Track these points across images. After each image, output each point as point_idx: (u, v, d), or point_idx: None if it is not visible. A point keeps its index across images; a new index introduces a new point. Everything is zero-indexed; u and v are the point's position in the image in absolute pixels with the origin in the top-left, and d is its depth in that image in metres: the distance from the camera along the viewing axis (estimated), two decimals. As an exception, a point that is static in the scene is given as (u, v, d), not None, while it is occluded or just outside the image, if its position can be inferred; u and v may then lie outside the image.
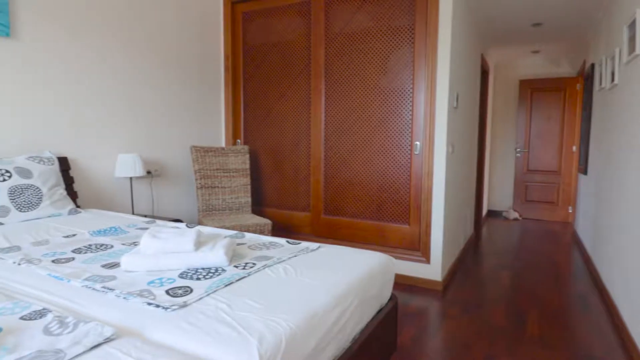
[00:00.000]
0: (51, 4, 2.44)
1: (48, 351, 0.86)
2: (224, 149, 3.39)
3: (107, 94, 2.78)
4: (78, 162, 2.62)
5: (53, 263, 1.46)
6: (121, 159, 2.74)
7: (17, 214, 2.03)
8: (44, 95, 2.44)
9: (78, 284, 1.27)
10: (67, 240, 1.75)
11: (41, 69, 2.42)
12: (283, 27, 3.51)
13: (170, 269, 1.40)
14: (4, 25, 2.21)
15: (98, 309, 1.12)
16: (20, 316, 1.03)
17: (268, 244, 1.77)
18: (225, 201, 3.31)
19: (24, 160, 2.20)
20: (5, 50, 2.25)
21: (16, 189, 2.06)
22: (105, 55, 2.75)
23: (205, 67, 3.58)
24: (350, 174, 3.30)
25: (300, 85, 3.47)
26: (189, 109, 3.45)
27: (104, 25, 2.74)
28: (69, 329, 0.96)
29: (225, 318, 1.05)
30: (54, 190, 2.24)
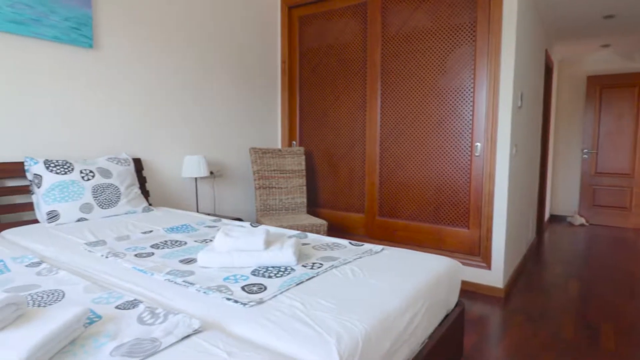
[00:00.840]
0: (127, 18, 2.63)
1: (145, 339, 0.93)
2: (280, 151, 3.47)
3: (175, 99, 2.95)
4: (149, 163, 2.81)
5: (136, 257, 1.57)
6: (187, 160, 2.89)
7: (99, 210, 2.21)
8: (121, 102, 2.63)
9: (161, 278, 1.36)
10: (145, 236, 1.88)
11: (118, 77, 2.61)
12: (339, 30, 3.53)
13: (242, 266, 1.46)
14: (88, 37, 2.41)
15: (181, 301, 1.19)
16: (115, 305, 1.12)
17: (331, 244, 1.79)
18: (282, 201, 3.39)
19: (105, 161, 2.39)
20: (88, 60, 2.46)
21: (98, 187, 2.24)
22: (173, 63, 2.92)
23: (263, 72, 3.69)
24: (407, 176, 3.26)
25: (356, 87, 3.47)
26: (248, 112, 3.57)
27: (173, 36, 2.91)
28: (160, 319, 1.03)
29: (301, 316, 1.08)
30: (130, 189, 2.41)
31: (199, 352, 0.90)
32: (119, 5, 2.57)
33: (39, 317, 0.93)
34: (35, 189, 2.12)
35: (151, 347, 0.90)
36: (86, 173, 2.22)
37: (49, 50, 2.28)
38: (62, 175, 2.14)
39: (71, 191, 2.13)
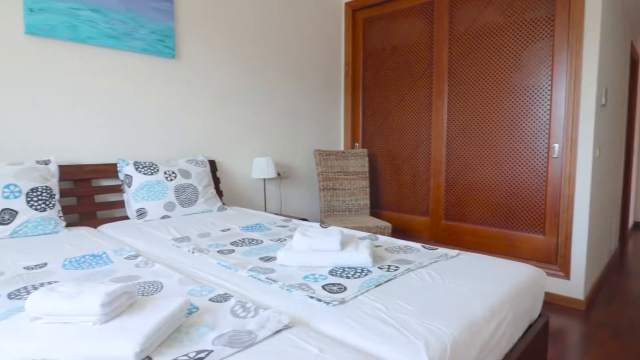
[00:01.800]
0: (204, 29, 2.80)
1: (242, 331, 0.99)
2: (344, 153, 3.50)
3: (246, 103, 3.09)
4: (222, 164, 2.96)
5: (218, 253, 1.67)
6: (257, 162, 3.02)
7: (180, 209, 2.38)
8: (198, 107, 2.81)
9: (244, 274, 1.43)
10: (223, 234, 1.99)
11: (196, 84, 2.79)
12: (404, 31, 3.49)
13: (319, 266, 1.49)
14: (171, 48, 2.60)
15: (266, 297, 1.25)
16: (208, 298, 1.20)
17: (404, 247, 1.78)
18: (345, 203, 3.41)
19: (184, 163, 2.56)
20: (171, 70, 2.65)
21: (179, 187, 2.41)
22: (244, 69, 3.06)
23: (327, 75, 3.74)
24: (475, 178, 3.14)
25: (421, 88, 3.41)
26: (313, 115, 3.64)
27: (244, 43, 3.05)
28: (251, 313, 1.09)
29: (385, 318, 1.09)
30: (207, 189, 2.56)
31: (291, 346, 0.94)
32: (196, 17, 2.75)
33: (148, 305, 1.03)
34: (126, 188, 2.32)
35: (248, 339, 0.96)
36: (169, 174, 2.40)
37: (138, 61, 2.49)
38: (149, 175, 2.33)
39: (156, 190, 2.32)
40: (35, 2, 2.06)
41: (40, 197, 1.92)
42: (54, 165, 2.06)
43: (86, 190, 2.25)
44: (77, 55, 2.25)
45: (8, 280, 1.33)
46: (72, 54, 2.23)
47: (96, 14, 2.26)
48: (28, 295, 1.22)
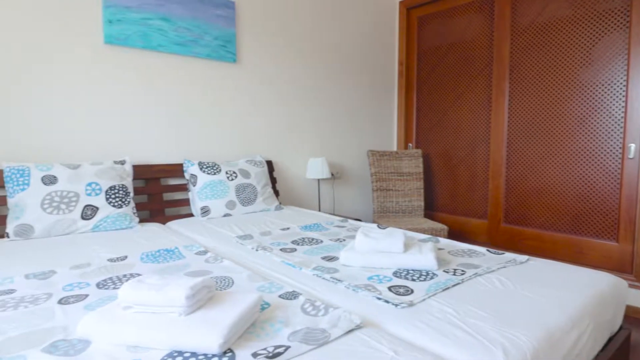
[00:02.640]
0: (262, 34, 2.88)
1: (315, 329, 1.01)
2: (397, 153, 3.46)
3: (301, 104, 3.15)
4: (278, 164, 3.04)
5: (281, 251, 1.72)
6: (311, 163, 3.06)
7: (240, 207, 2.46)
8: (256, 109, 2.90)
9: (309, 272, 1.46)
10: (284, 233, 2.04)
11: (254, 87, 2.88)
12: (461, 27, 3.39)
13: (382, 267, 1.49)
14: (232, 53, 2.71)
15: (332, 296, 1.26)
16: (278, 295, 1.24)
17: (467, 251, 1.73)
18: (399, 204, 3.37)
19: (244, 163, 2.65)
20: (232, 74, 2.75)
21: (240, 187, 2.50)
22: (300, 71, 3.12)
23: (380, 74, 3.72)
24: (539, 180, 2.98)
25: (479, 86, 3.29)
26: (366, 115, 3.63)
27: (300, 45, 3.10)
28: (321, 312, 1.11)
29: (457, 323, 1.07)
30: (265, 188, 2.63)
31: (365, 347, 0.95)
32: (255, 22, 2.84)
33: (226, 299, 1.08)
34: (191, 187, 2.45)
35: (322, 337, 0.98)
36: (230, 174, 2.50)
37: (202, 66, 2.61)
38: (212, 175, 2.44)
39: (219, 189, 2.42)
40: (113, 14, 2.23)
41: (117, 195, 2.07)
42: (128, 165, 2.22)
43: (156, 189, 2.40)
44: (149, 62, 2.40)
45: (95, 271, 1.45)
46: (144, 61, 2.38)
47: (166, 23, 2.40)
48: (114, 285, 1.32)
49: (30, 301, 1.19)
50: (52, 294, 1.24)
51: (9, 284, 1.32)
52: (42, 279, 1.36)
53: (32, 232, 1.84)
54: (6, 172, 1.89)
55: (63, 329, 1.02)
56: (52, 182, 1.92)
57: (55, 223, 1.89)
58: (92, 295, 1.23)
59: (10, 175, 1.88)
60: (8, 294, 1.24)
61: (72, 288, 1.29)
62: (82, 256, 1.62)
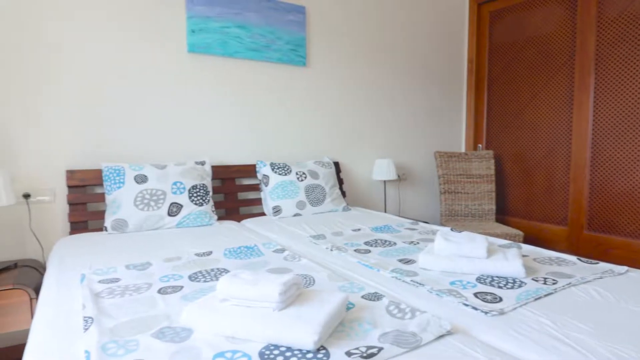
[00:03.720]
0: (331, 38, 2.91)
1: (405, 332, 1.01)
2: (467, 154, 3.33)
3: (368, 105, 3.14)
4: (345, 166, 3.06)
5: (356, 252, 1.72)
6: (378, 164, 3.04)
7: (310, 208, 2.51)
8: (324, 111, 2.94)
9: (387, 274, 1.45)
10: (355, 234, 2.05)
11: (322, 89, 2.92)
12: (538, 20, 3.19)
13: (463, 272, 1.44)
14: (302, 57, 2.77)
15: (415, 299, 1.25)
16: (360, 295, 1.25)
17: (555, 259, 1.62)
18: (468, 207, 3.25)
19: (312, 164, 2.70)
20: (302, 77, 2.82)
21: (309, 187, 2.55)
22: (366, 71, 3.11)
23: (448, 73, 3.61)
24: (629, 183, 2.72)
25: (559, 83, 3.08)
26: (432, 115, 3.54)
27: (366, 46, 3.10)
28: (407, 315, 1.10)
29: (556, 334, 1.01)
30: (333, 189, 2.66)
31: (459, 353, 0.93)
32: (324, 26, 2.88)
33: (313, 297, 1.10)
34: (264, 187, 2.54)
35: (413, 340, 0.97)
36: (300, 174, 2.55)
37: (273, 70, 2.70)
38: (283, 176, 2.51)
39: (290, 190, 2.48)
40: (195, 24, 2.37)
41: (198, 194, 2.20)
42: (208, 166, 2.35)
43: (231, 188, 2.52)
44: (226, 68, 2.53)
45: (185, 264, 1.55)
46: (222, 67, 2.51)
47: (242, 30, 2.52)
48: (204, 278, 1.40)
49: (134, 290, 1.30)
50: (152, 284, 1.35)
51: (113, 273, 1.46)
52: (140, 270, 1.49)
53: (126, 226, 2.02)
54: (105, 171, 2.08)
55: (166, 317, 1.10)
56: (143, 181, 2.09)
57: (146, 218, 2.05)
58: (186, 287, 1.32)
59: (108, 175, 2.07)
60: (114, 282, 1.37)
61: (167, 279, 1.39)
62: (172, 250, 1.74)
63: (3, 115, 1.97)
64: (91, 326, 1.04)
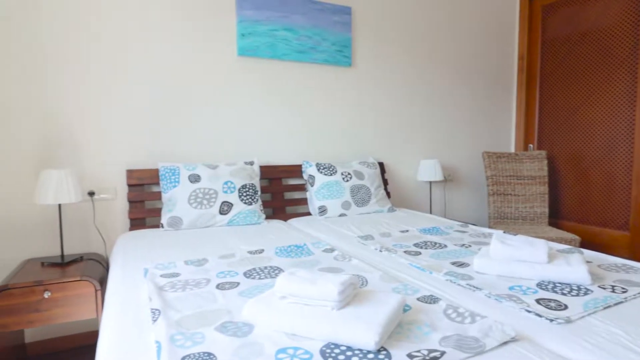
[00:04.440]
0: (376, 38, 2.90)
1: (467, 337, 0.99)
2: (517, 155, 3.20)
3: (412, 105, 3.10)
4: (389, 166, 3.03)
5: (405, 254, 1.71)
6: (423, 164, 2.99)
7: (355, 208, 2.51)
8: (368, 111, 2.93)
9: (441, 277, 1.43)
10: (403, 235, 2.03)
11: (367, 90, 2.91)
12: (595, 14, 3.01)
13: (522, 277, 1.39)
14: (348, 57, 2.77)
15: (473, 304, 1.22)
16: (416, 297, 1.23)
17: (622, 266, 1.53)
18: (519, 210, 3.12)
19: (357, 164, 2.70)
20: (346, 77, 2.82)
21: (354, 187, 2.55)
22: (411, 70, 3.07)
23: (496, 70, 3.48)
24: (703, 188, 2.51)
25: (620, 79, 2.89)
26: (480, 114, 3.44)
27: (412, 45, 3.06)
28: (467, 319, 1.08)
29: (631, 346, 0.95)
30: (378, 190, 2.65)
31: (526, 361, 0.89)
32: (370, 26, 2.87)
33: (370, 298, 1.10)
34: (309, 187, 2.56)
35: (476, 345, 0.94)
36: (345, 175, 2.56)
37: (319, 71, 2.72)
38: (328, 176, 2.53)
39: (335, 190, 2.49)
40: (245, 28, 2.44)
41: (248, 193, 2.26)
42: (256, 166, 2.41)
43: (278, 188, 2.57)
44: (274, 70, 2.58)
45: (239, 261, 1.60)
46: (270, 69, 2.57)
47: (289, 33, 2.56)
48: (258, 275, 1.44)
49: (194, 284, 1.35)
50: (210, 279, 1.40)
51: (173, 268, 1.52)
52: (197, 266, 1.55)
53: (181, 223, 2.11)
54: (161, 171, 2.19)
55: (227, 312, 1.14)
56: (197, 181, 2.17)
57: (199, 216, 2.13)
58: (242, 284, 1.36)
59: (165, 174, 2.17)
60: (174, 277, 1.43)
61: (224, 275, 1.44)
62: (225, 248, 1.80)
63: (72, 120, 2.12)
64: (159, 318, 1.09)
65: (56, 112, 2.09)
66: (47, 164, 2.08)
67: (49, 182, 1.83)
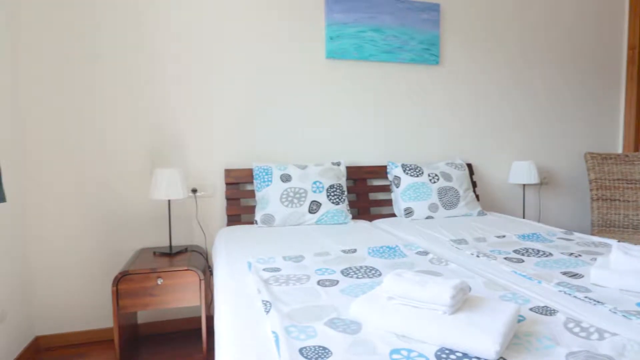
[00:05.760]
0: (466, 35, 2.78)
1: (596, 354, 0.91)
2: (627, 156, 2.88)
3: (504, 104, 2.93)
4: (478, 168, 2.89)
5: (506, 260, 1.62)
6: (516, 166, 2.81)
7: (443, 210, 2.44)
8: (456, 110, 2.82)
9: (552, 288, 1.33)
10: (500, 241, 1.92)
11: (455, 88, 2.81)
12: None
13: (650, 294, 1.25)
14: (435, 55, 2.70)
15: (596, 319, 1.11)
16: (528, 308, 1.16)
17: None
18: (628, 217, 2.80)
19: (444, 165, 2.61)
20: (433, 76, 2.75)
21: (442, 189, 2.47)
22: (503, 69, 2.90)
23: (600, 64, 3.16)
24: None
25: None
26: (580, 113, 3.15)
27: (504, 41, 2.89)
28: (594, 335, 0.99)
29: None
30: (467, 192, 2.54)
31: (676, 387, 0.80)
32: (459, 22, 2.76)
33: (481, 305, 1.06)
34: (395, 188, 2.54)
35: (610, 364, 0.87)
36: (432, 176, 2.49)
37: (405, 71, 2.69)
38: (414, 177, 2.48)
39: (421, 192, 2.44)
40: (333, 31, 2.49)
41: (335, 193, 2.30)
42: (343, 167, 2.44)
43: (363, 189, 2.58)
44: (360, 72, 2.60)
45: (334, 259, 1.63)
46: (356, 71, 2.59)
47: (376, 34, 2.56)
48: (355, 274, 1.46)
49: (296, 280, 1.41)
50: (310, 276, 1.45)
51: (273, 263, 1.60)
52: (296, 262, 1.61)
53: (273, 221, 2.21)
54: (255, 170, 2.31)
55: (333, 308, 1.17)
56: (288, 180, 2.26)
57: (290, 215, 2.21)
58: (341, 282, 1.38)
59: (258, 173, 2.29)
60: (276, 271, 1.50)
61: (322, 273, 1.48)
62: (318, 245, 1.85)
63: (178, 124, 2.32)
64: (271, 309, 1.15)
65: (165, 118, 2.30)
66: (157, 164, 2.31)
67: (161, 179, 2.03)
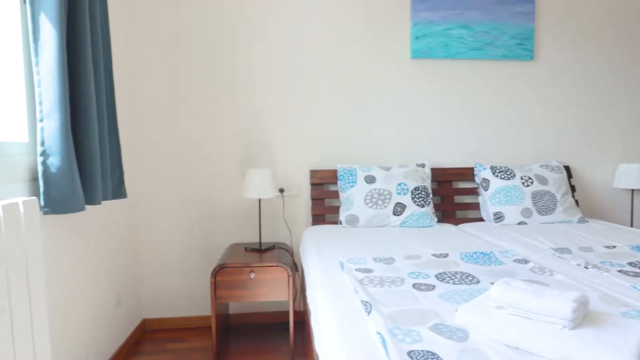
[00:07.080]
0: (563, 27, 2.58)
1: None
2: None
3: (605, 103, 2.67)
4: (577, 171, 2.67)
5: (621, 273, 1.47)
6: (622, 169, 2.55)
7: (537, 216, 2.28)
8: (552, 108, 2.63)
9: (684, 307, 1.19)
10: (610, 251, 1.75)
11: (552, 86, 2.61)
12: None
13: None
14: (529, 50, 2.53)
15: None
16: (658, 328, 1.05)
17: None
18: None
19: (539, 168, 2.44)
20: (527, 72, 2.58)
21: (537, 194, 2.31)
22: (604, 65, 2.64)
23: None
24: None
25: None
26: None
27: (606, 37, 2.62)
28: None
29: None
30: (565, 197, 2.35)
31: None
32: (556, 15, 2.57)
33: (605, 321, 0.98)
34: (482, 191, 2.43)
35: None
36: (526, 179, 2.35)
37: (496, 68, 2.56)
38: (505, 180, 2.35)
39: (513, 195, 2.31)
40: (419, 30, 2.44)
41: (420, 195, 2.26)
42: (428, 168, 2.39)
43: (448, 191, 2.50)
44: (447, 71, 2.52)
45: (425, 263, 1.61)
46: (443, 70, 2.52)
47: (465, 30, 2.47)
48: (452, 280, 1.42)
49: (390, 282, 1.41)
50: (404, 279, 1.44)
51: (364, 264, 1.62)
52: (387, 264, 1.61)
53: (357, 221, 2.23)
54: (340, 172, 2.35)
55: (435, 313, 1.15)
56: (372, 182, 2.27)
57: (374, 216, 2.22)
58: (438, 287, 1.35)
59: (343, 174, 2.33)
60: (369, 272, 1.52)
61: (416, 276, 1.46)
62: (406, 248, 1.83)
63: (267, 127, 2.44)
64: (372, 310, 1.17)
65: (255, 122, 2.43)
66: (248, 165, 2.44)
67: (252, 179, 2.14)
